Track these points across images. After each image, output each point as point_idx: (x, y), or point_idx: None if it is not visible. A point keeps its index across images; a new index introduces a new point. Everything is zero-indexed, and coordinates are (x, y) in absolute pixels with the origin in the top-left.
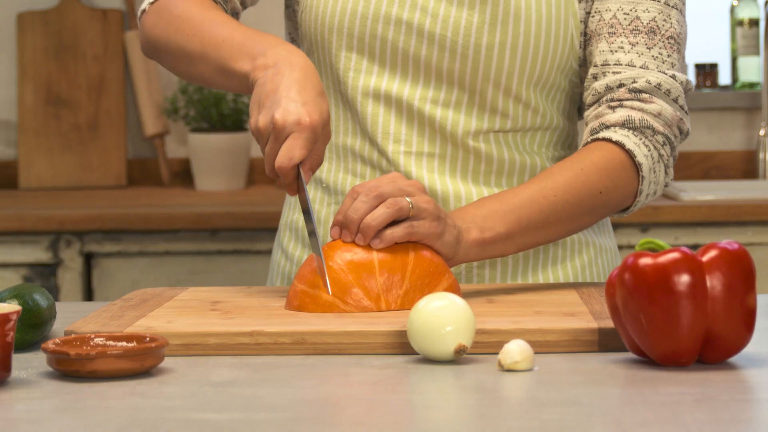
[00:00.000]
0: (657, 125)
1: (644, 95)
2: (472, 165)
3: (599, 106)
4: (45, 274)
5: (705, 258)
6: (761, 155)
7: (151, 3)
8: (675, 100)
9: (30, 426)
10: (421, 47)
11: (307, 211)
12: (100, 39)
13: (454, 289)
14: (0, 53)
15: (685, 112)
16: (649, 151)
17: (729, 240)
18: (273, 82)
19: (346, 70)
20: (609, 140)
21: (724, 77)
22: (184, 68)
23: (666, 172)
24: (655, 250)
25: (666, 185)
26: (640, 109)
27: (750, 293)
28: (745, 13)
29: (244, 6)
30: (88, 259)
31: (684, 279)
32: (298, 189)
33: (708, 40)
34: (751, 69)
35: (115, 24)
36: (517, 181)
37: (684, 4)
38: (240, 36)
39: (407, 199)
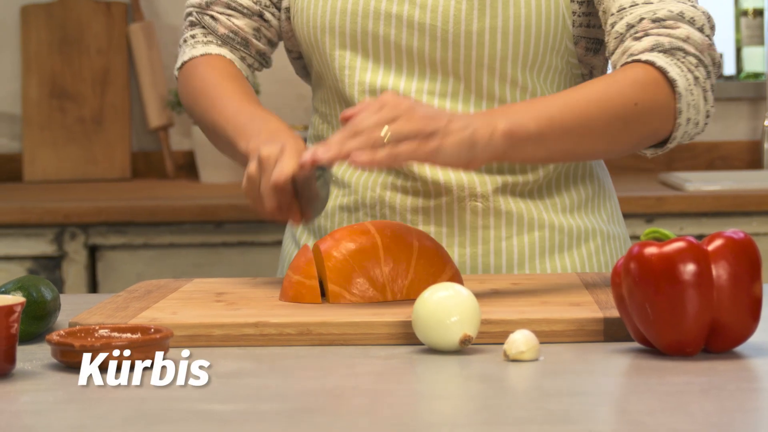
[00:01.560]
0: (688, 47)
1: (668, 22)
2: None
3: (623, 42)
4: (50, 266)
5: (711, 247)
6: (766, 145)
7: (179, 68)
8: (700, 29)
9: (35, 418)
10: (413, 39)
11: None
12: (104, 32)
13: (456, 278)
14: (4, 47)
15: (713, 42)
16: (683, 71)
17: (734, 230)
18: (259, 147)
19: (341, 68)
20: (638, 61)
21: (729, 67)
22: (207, 136)
23: (705, 98)
24: (661, 240)
25: (708, 114)
26: (668, 35)
27: (756, 282)
28: (749, 3)
29: (272, 45)
30: (93, 251)
31: (690, 268)
32: (300, 198)
33: None
34: (755, 59)
35: (119, 17)
36: (519, 167)
37: None
38: (243, 117)
39: (386, 127)
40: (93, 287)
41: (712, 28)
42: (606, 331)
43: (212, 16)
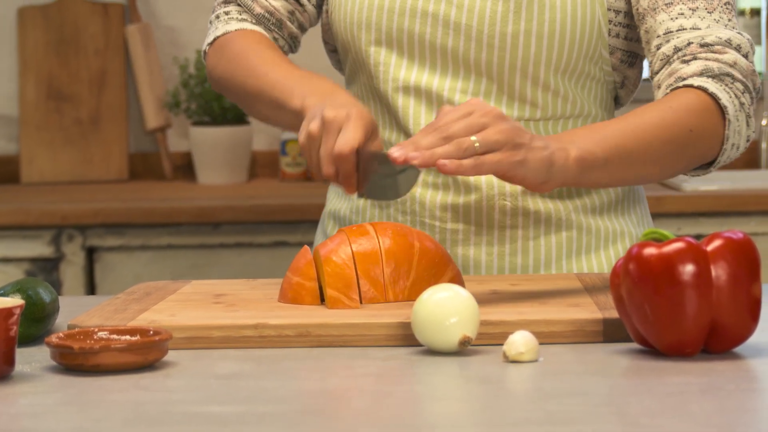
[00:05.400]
0: (735, 73)
1: (717, 47)
2: None
3: (670, 65)
4: (47, 268)
5: (710, 248)
6: (764, 145)
7: (210, 44)
8: (746, 56)
9: (34, 420)
10: (448, 38)
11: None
12: (101, 33)
13: (457, 280)
14: (1, 48)
15: (755, 69)
16: (731, 98)
17: (733, 230)
18: (321, 105)
19: (376, 65)
20: (691, 86)
21: None
22: (245, 104)
23: (748, 123)
24: (660, 240)
25: (748, 139)
26: (716, 60)
27: (755, 283)
28: (747, 3)
29: (303, 29)
30: (91, 253)
31: (689, 269)
32: (359, 171)
33: None
34: None
35: (116, 18)
36: None
37: None
38: (293, 77)
39: (473, 138)
40: (91, 289)
41: (753, 53)
42: (605, 331)
43: None
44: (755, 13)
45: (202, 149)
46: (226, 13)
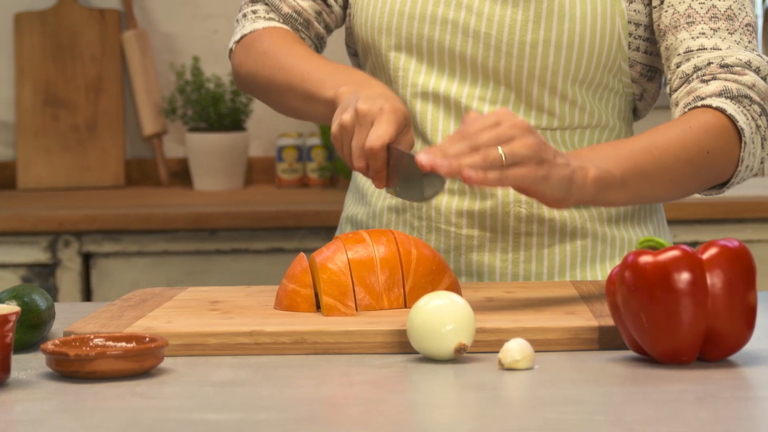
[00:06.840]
0: (753, 95)
1: (736, 68)
2: None
3: (689, 83)
4: (44, 274)
5: (705, 256)
6: None
7: (237, 42)
8: (765, 78)
9: (29, 427)
10: (467, 46)
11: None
12: (98, 39)
13: (454, 287)
14: None
15: None
16: (748, 120)
17: (728, 237)
18: (354, 95)
19: (396, 69)
20: (709, 107)
21: None
22: (274, 99)
23: (763, 146)
24: (655, 248)
25: (762, 160)
26: (735, 81)
27: (750, 290)
28: None
29: (329, 30)
30: (87, 259)
31: (684, 277)
32: (389, 166)
33: None
34: None
35: (112, 24)
36: None
37: None
38: (325, 69)
39: (499, 149)
40: (87, 295)
41: None
42: (601, 339)
43: None
44: None
45: (199, 155)
46: (254, 12)
